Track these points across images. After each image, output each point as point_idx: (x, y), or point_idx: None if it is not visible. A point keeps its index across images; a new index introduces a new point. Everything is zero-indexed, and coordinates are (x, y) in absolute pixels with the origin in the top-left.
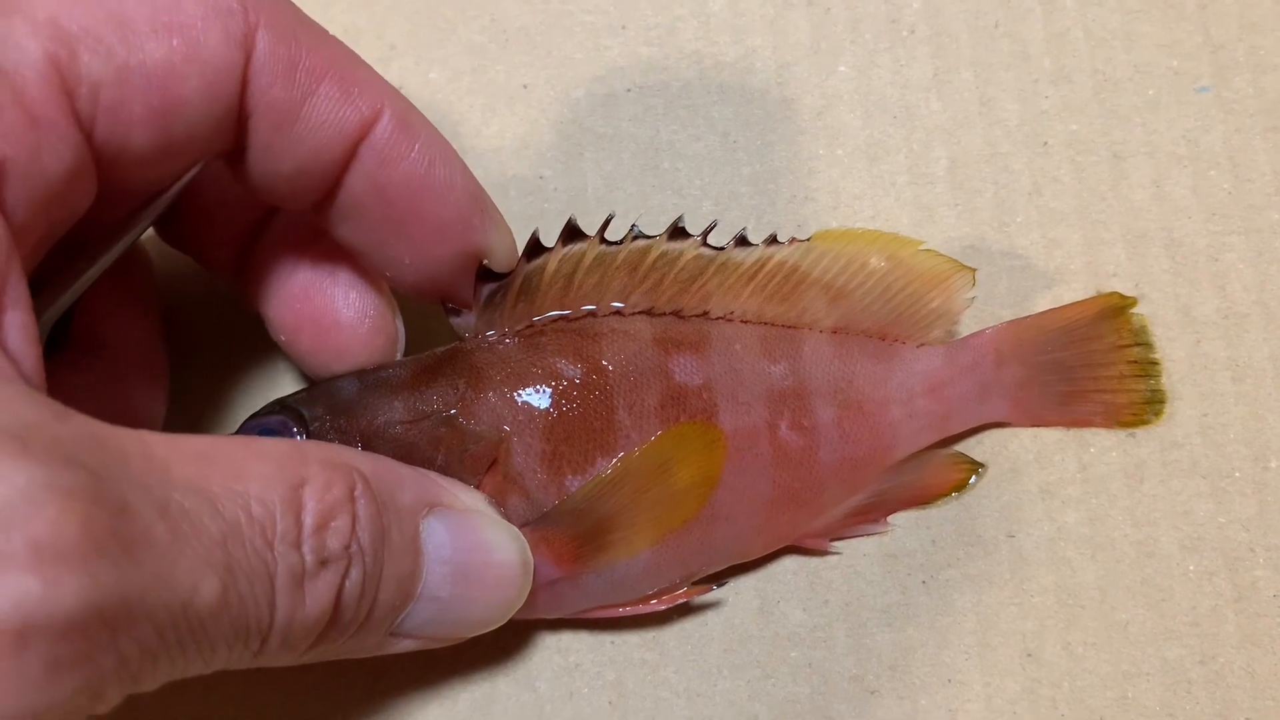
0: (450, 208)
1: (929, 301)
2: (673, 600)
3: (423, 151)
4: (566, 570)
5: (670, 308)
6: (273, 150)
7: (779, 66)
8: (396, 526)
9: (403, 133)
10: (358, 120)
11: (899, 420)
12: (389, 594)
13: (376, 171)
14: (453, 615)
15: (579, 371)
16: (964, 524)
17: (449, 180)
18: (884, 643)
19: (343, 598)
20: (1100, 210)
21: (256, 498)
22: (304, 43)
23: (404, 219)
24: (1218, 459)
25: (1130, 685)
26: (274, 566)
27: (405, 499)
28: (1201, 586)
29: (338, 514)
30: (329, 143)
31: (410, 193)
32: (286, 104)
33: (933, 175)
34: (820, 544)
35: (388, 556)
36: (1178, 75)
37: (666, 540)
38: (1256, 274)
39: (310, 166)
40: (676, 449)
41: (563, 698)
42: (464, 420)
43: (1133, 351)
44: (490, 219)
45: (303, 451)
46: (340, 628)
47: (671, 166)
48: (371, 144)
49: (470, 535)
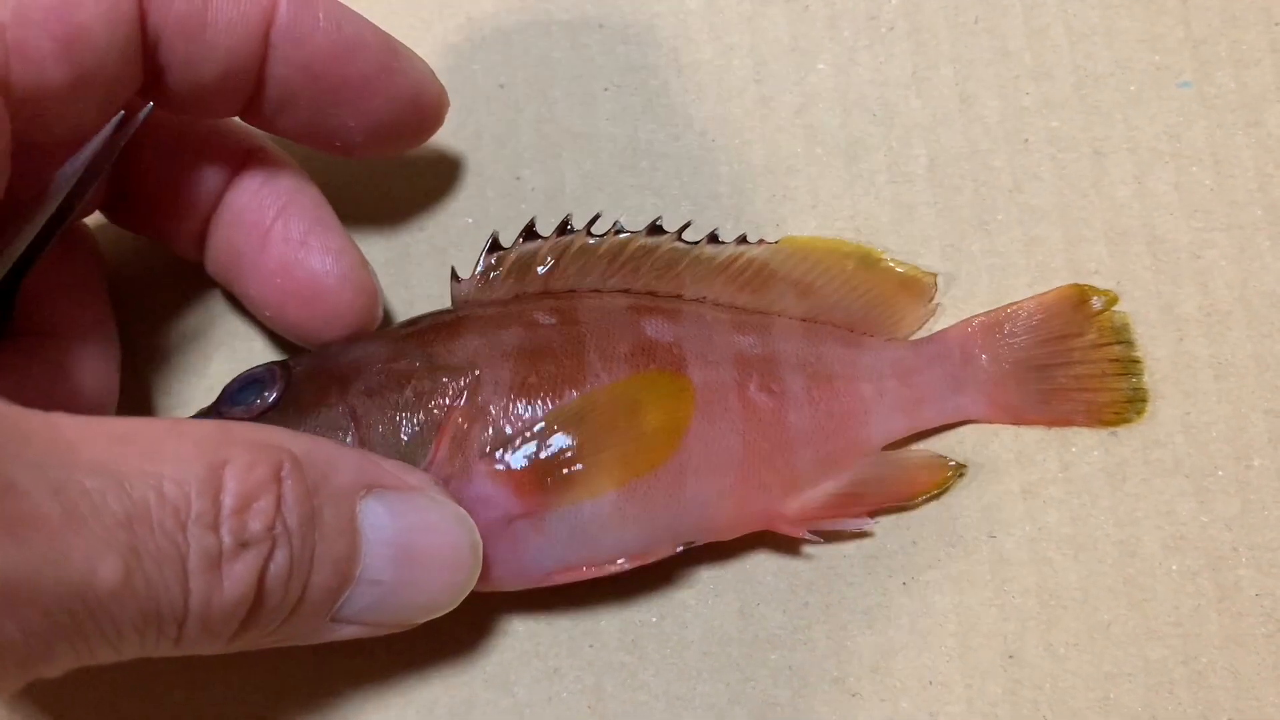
0: (369, 59)
1: (894, 304)
2: (639, 560)
3: (327, 18)
4: (528, 503)
5: (646, 290)
6: (191, 62)
7: (757, 64)
8: (330, 507)
9: (304, 8)
10: (258, 9)
11: (869, 397)
12: (323, 577)
13: (294, 52)
14: (397, 599)
15: (554, 320)
16: (945, 524)
17: (360, 35)
18: (865, 645)
19: (267, 581)
20: (1081, 207)
21: (170, 478)
22: None
23: (333, 87)
24: (1200, 458)
25: (1113, 686)
26: (186, 548)
27: (341, 479)
28: (1184, 586)
29: (260, 495)
30: (241, 39)
31: (330, 60)
32: (190, 13)
33: (912, 173)
34: (797, 530)
35: (319, 538)
36: (1159, 70)
37: (634, 488)
38: (1239, 271)
39: (230, 67)
40: (644, 391)
41: (541, 702)
42: (438, 357)
43: (1114, 349)
44: (404, 55)
45: (228, 432)
46: (269, 612)
47: (650, 166)
48: (280, 28)
49: (413, 516)
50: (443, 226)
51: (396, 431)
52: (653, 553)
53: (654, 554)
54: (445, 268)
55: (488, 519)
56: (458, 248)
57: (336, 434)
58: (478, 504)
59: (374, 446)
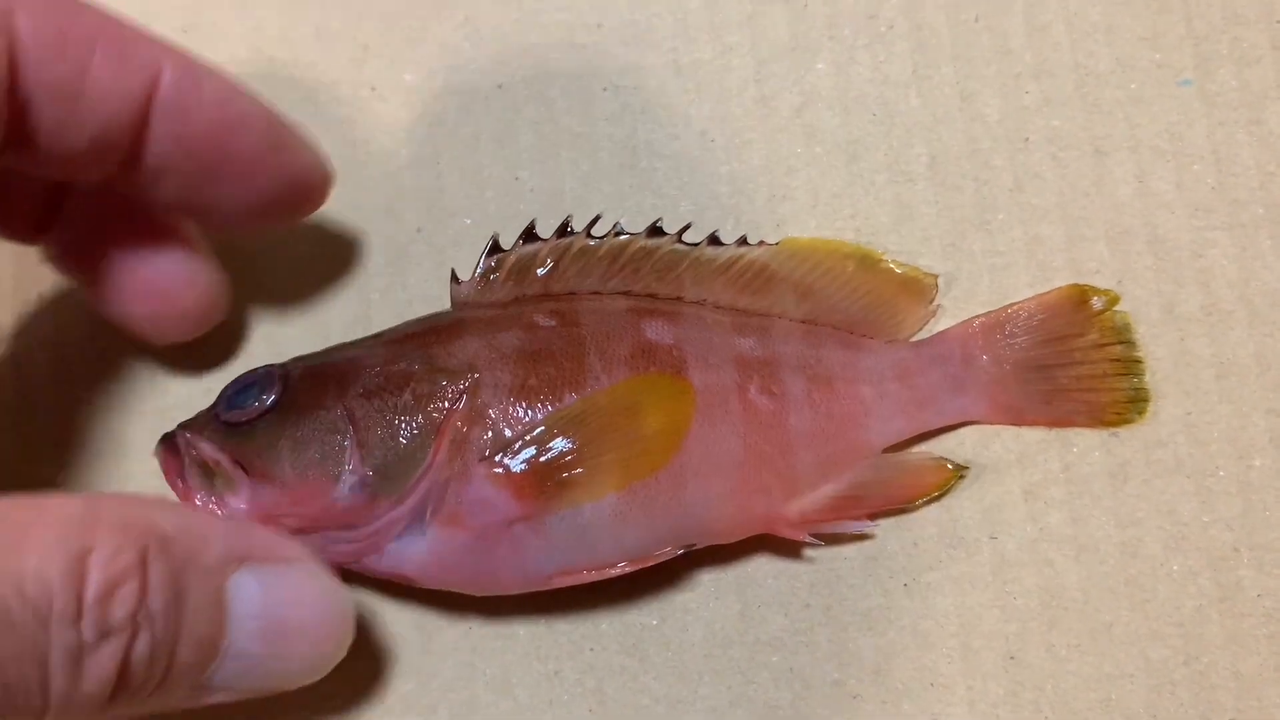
0: (255, 139)
1: (895, 306)
2: (640, 564)
3: (213, 94)
4: (527, 506)
5: (646, 292)
6: (64, 128)
7: (757, 64)
8: (198, 585)
9: (189, 82)
10: (140, 80)
11: (870, 400)
12: (188, 654)
13: (174, 126)
14: (264, 670)
15: (553, 323)
16: (946, 526)
17: (244, 113)
18: (866, 646)
19: (130, 665)
20: (1082, 206)
21: (33, 575)
22: (66, 16)
23: (213, 164)
24: (1202, 458)
25: (1114, 687)
26: (46, 648)
27: (211, 555)
28: (1185, 587)
29: (125, 581)
30: (118, 109)
31: (212, 137)
32: (65, 79)
33: (913, 172)
34: (797, 534)
35: (185, 618)
36: (1160, 69)
37: (635, 491)
38: (1240, 270)
39: (105, 136)
40: (644, 394)
41: (543, 705)
42: (437, 360)
43: (1115, 349)
44: (292, 136)
45: (95, 512)
46: (136, 689)
47: (649, 166)
48: (161, 101)
49: (283, 590)
50: (441, 227)
51: (394, 434)
52: (653, 555)
53: (654, 557)
54: (443, 268)
55: (487, 522)
56: (456, 248)
57: (333, 436)
58: (477, 507)
59: (371, 449)
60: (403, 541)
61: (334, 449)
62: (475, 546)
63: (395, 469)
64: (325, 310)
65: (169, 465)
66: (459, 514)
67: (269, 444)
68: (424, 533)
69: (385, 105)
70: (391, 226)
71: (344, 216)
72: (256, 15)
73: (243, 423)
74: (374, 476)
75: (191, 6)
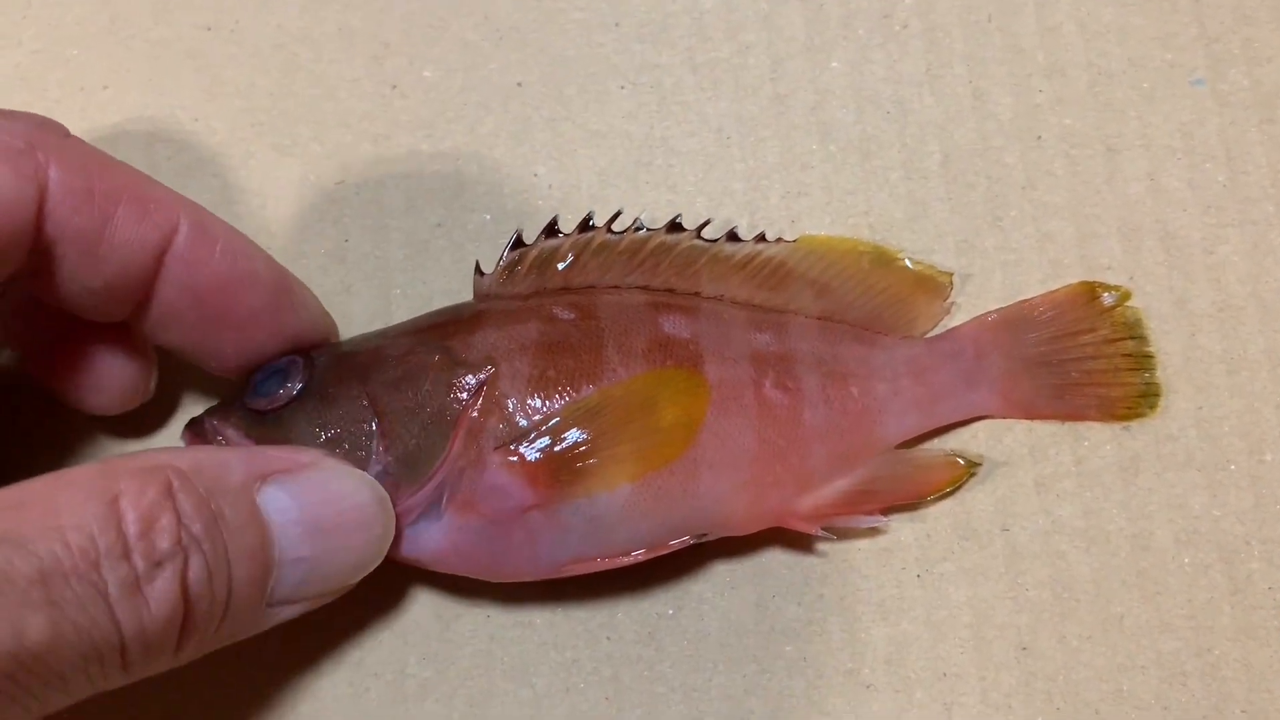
0: (260, 294)
1: (910, 303)
2: (652, 553)
3: (224, 250)
4: (541, 494)
5: (664, 287)
6: (82, 271)
7: (772, 62)
8: (230, 505)
9: (202, 237)
10: (158, 234)
11: (884, 395)
12: (245, 570)
13: (185, 277)
14: (324, 569)
15: (572, 315)
16: (958, 517)
17: (253, 270)
18: (879, 637)
19: (191, 588)
20: (1094, 204)
21: (71, 526)
22: (95, 171)
23: (219, 315)
24: (1213, 452)
25: (1126, 678)
26: (104, 584)
27: (233, 479)
28: (1197, 580)
29: (159, 514)
30: (134, 258)
31: (220, 290)
32: (89, 229)
33: (926, 170)
34: (809, 527)
35: (230, 536)
36: (1172, 68)
37: (648, 481)
38: (1251, 266)
39: (119, 282)
40: (660, 388)
41: (559, 693)
42: (456, 350)
43: (1127, 345)
44: (298, 295)
45: (111, 467)
46: (205, 616)
47: (665, 163)
48: (175, 253)
49: (313, 493)
50: (460, 222)
51: (417, 423)
52: (666, 545)
53: (667, 546)
54: (462, 263)
55: (502, 509)
56: (475, 243)
57: (358, 424)
58: (492, 494)
59: (394, 437)
60: (418, 528)
61: (359, 437)
62: (490, 533)
63: (417, 457)
64: (347, 304)
65: None
66: (474, 501)
67: (294, 431)
68: (440, 519)
69: (406, 102)
70: (412, 222)
71: (365, 212)
72: (278, 13)
73: (269, 410)
74: (396, 465)
75: (214, 5)
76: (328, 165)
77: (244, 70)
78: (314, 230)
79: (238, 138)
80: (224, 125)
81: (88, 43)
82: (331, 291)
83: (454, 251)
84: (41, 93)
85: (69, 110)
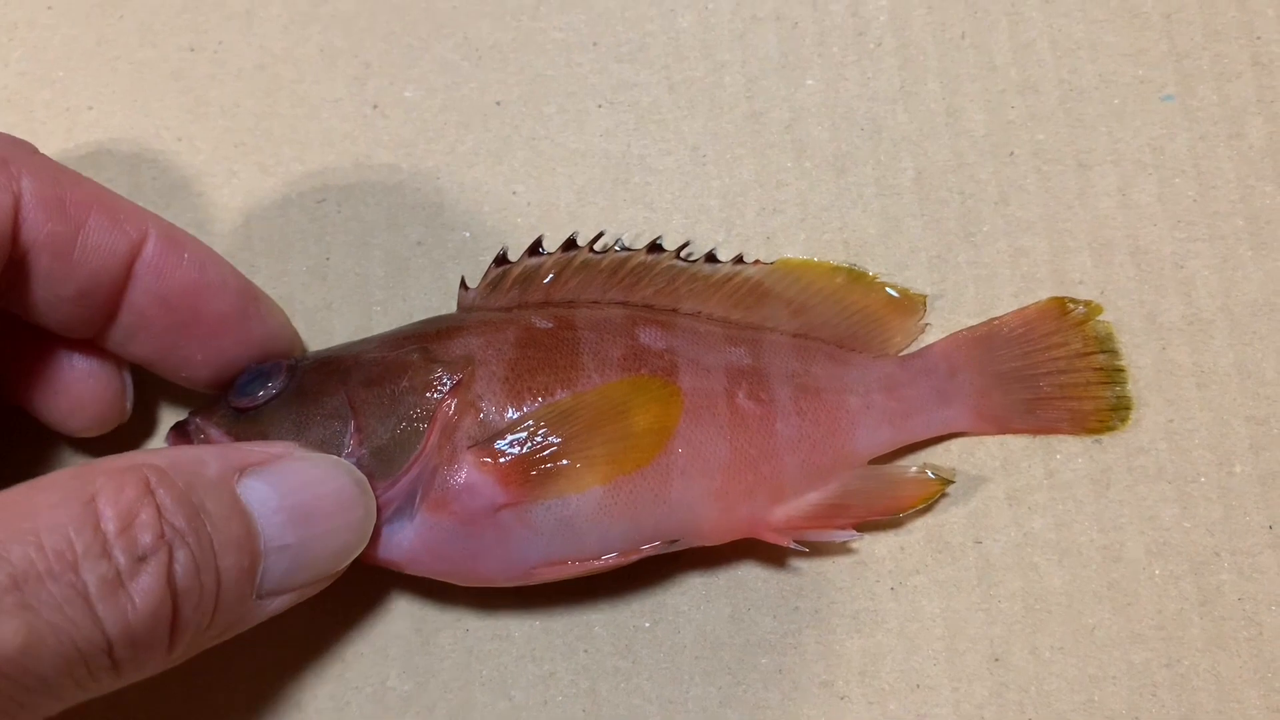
0: (228, 302)
1: (884, 322)
2: (624, 558)
3: (192, 258)
4: (512, 493)
5: (643, 303)
6: (54, 279)
7: (747, 80)
8: (210, 497)
9: (170, 246)
10: (128, 242)
11: (856, 409)
12: (232, 560)
13: (154, 284)
14: (310, 554)
15: (551, 325)
16: (932, 530)
17: (222, 279)
18: (853, 648)
19: (178, 582)
20: (1066, 219)
21: (46, 528)
22: (66, 182)
23: (187, 321)
24: (1183, 464)
25: (1097, 689)
26: (83, 584)
27: (211, 472)
28: (1167, 590)
29: (138, 510)
30: (106, 265)
31: (189, 296)
32: (61, 236)
33: (900, 186)
34: (782, 539)
35: (213, 528)
36: (1143, 84)
37: (620, 485)
38: (1221, 280)
39: (91, 289)
40: (634, 394)
41: (537, 705)
42: (435, 351)
43: (1098, 358)
44: (263, 304)
45: (88, 469)
46: (194, 610)
47: (642, 180)
48: (145, 260)
49: (291, 479)
50: (440, 240)
51: (391, 419)
52: (637, 550)
53: (639, 551)
54: (442, 281)
55: (473, 507)
56: (455, 261)
57: (333, 418)
58: (465, 492)
59: (369, 434)
60: (393, 527)
61: (334, 433)
62: (462, 532)
63: (390, 452)
64: (328, 321)
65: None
66: (447, 500)
67: (273, 426)
68: (414, 518)
69: (386, 121)
70: (392, 239)
71: (347, 229)
72: (261, 33)
73: (250, 408)
74: (370, 458)
75: (197, 26)
76: (310, 184)
77: (227, 91)
78: (296, 248)
79: (221, 157)
80: (207, 145)
81: (73, 64)
82: (313, 308)
83: (434, 269)
84: (28, 113)
85: (54, 131)
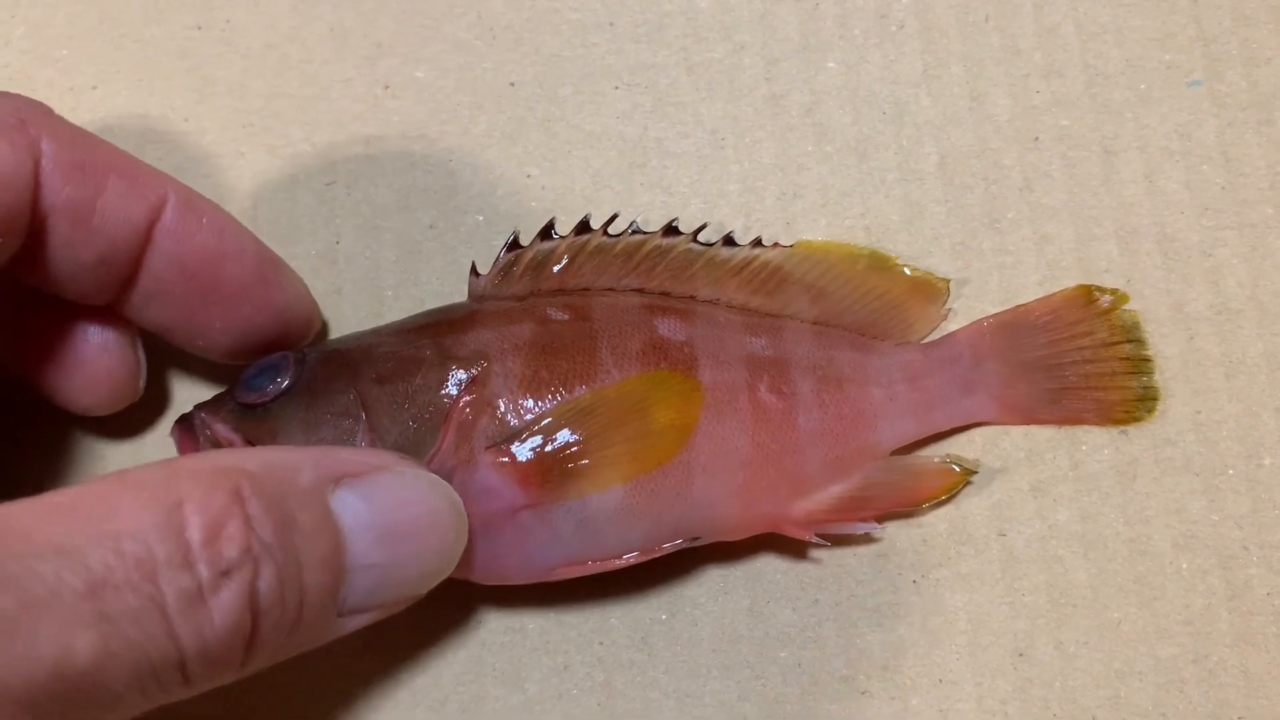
0: (246, 268)
1: (906, 308)
2: (644, 556)
3: (211, 224)
4: (531, 495)
5: (660, 290)
6: (73, 244)
7: (767, 63)
8: (302, 509)
9: (189, 211)
10: (147, 206)
11: (879, 401)
12: (316, 577)
13: (173, 249)
14: (395, 577)
15: (566, 316)
16: (955, 522)
17: (240, 245)
18: (874, 643)
19: (261, 599)
20: (1092, 206)
21: (127, 534)
22: (84, 145)
23: (207, 287)
24: (1211, 456)
25: (1123, 684)
26: (161, 596)
27: (305, 481)
28: (1194, 585)
29: (227, 521)
30: (125, 230)
31: (208, 261)
32: (81, 200)
33: (922, 171)
34: (804, 533)
35: (301, 542)
36: (1170, 69)
37: (641, 484)
38: (1250, 269)
39: (110, 254)
40: (654, 390)
41: (552, 699)
42: (449, 347)
43: (1125, 348)
44: (283, 272)
45: (176, 469)
46: (274, 627)
47: (659, 164)
48: (164, 226)
49: (386, 497)
50: (453, 224)
51: (405, 419)
52: (658, 548)
53: (659, 550)
54: (455, 265)
55: (492, 509)
56: (468, 245)
57: (346, 420)
58: (482, 494)
59: (382, 433)
60: None
61: (346, 432)
62: (481, 534)
63: (404, 451)
64: (338, 306)
65: (185, 445)
66: (465, 501)
67: (282, 425)
68: None
69: (398, 102)
70: (404, 223)
71: (357, 213)
72: (270, 12)
73: (258, 404)
74: None
75: (204, 3)
76: (319, 166)
77: (235, 70)
78: (305, 231)
79: (228, 138)
80: (215, 126)
81: (77, 42)
82: (323, 293)
83: (446, 253)
84: (31, 92)
85: (59, 110)
